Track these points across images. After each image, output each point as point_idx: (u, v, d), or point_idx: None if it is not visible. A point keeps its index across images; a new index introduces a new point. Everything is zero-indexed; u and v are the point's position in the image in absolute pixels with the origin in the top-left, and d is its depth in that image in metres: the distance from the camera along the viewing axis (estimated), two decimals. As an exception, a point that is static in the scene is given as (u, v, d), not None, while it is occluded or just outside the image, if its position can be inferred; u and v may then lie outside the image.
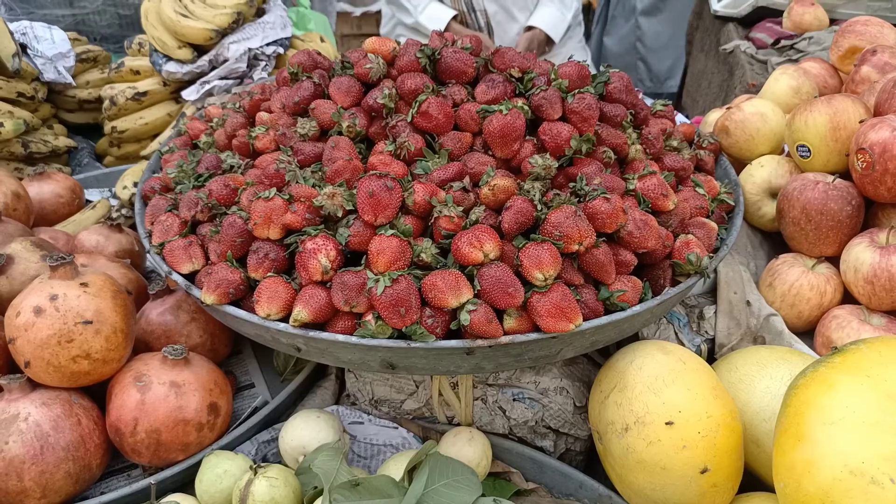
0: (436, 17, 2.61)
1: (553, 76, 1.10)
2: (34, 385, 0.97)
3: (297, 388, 1.12)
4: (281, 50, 1.69)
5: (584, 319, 0.91)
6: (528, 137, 1.06)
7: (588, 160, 1.06)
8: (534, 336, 0.90)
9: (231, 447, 1.04)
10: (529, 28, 2.66)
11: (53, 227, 1.40)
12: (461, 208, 0.96)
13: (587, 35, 4.17)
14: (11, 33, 1.63)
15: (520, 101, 1.07)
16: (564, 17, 2.67)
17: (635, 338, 1.15)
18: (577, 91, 1.07)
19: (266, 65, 1.66)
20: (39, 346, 0.93)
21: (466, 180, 0.99)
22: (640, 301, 0.96)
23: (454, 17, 2.61)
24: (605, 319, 0.92)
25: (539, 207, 0.95)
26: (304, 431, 1.00)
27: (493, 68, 1.13)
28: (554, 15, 2.66)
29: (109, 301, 0.98)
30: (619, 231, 0.96)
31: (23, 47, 1.73)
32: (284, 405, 1.11)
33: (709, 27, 2.46)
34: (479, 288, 0.89)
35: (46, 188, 1.44)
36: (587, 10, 4.57)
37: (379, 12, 3.91)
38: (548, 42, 2.69)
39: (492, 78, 1.10)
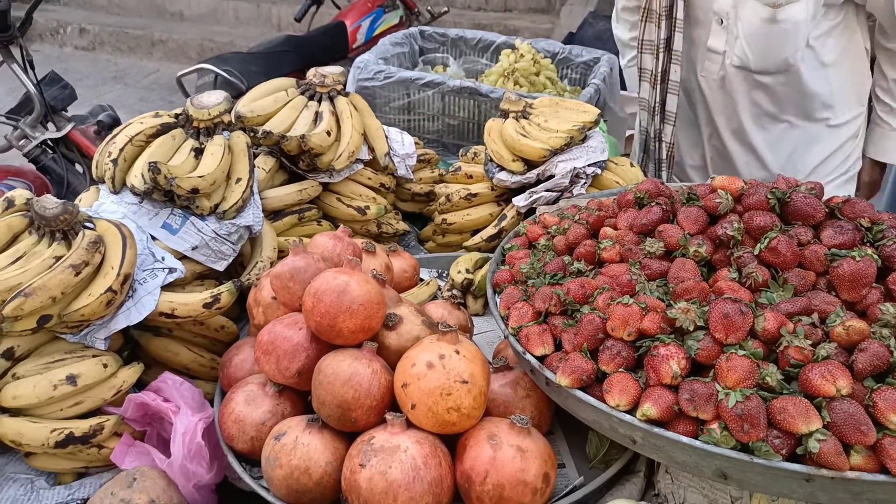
0: None
1: (907, 230, 1.15)
2: (409, 424, 1.18)
3: (611, 477, 1.23)
4: (598, 171, 1.90)
5: (935, 472, 0.92)
6: (874, 285, 1.11)
7: (937, 316, 1.08)
8: (881, 478, 0.93)
9: (550, 518, 1.16)
10: None
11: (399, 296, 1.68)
12: (809, 342, 1.03)
13: None
14: (386, 136, 2.03)
15: (869, 250, 1.13)
16: None
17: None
18: (932, 248, 1.10)
19: (585, 182, 1.88)
20: (426, 393, 1.14)
21: (815, 316, 1.07)
22: None
23: None
24: (961, 478, 0.92)
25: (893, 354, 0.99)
26: (625, 519, 1.10)
27: (841, 215, 1.21)
28: None
29: (480, 367, 1.18)
30: (979, 392, 0.97)
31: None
32: (596, 490, 1.22)
33: None
34: (828, 420, 0.95)
35: (397, 264, 1.75)
36: None
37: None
38: None
39: (841, 224, 1.18)
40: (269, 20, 8.33)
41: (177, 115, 1.67)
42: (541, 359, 1.21)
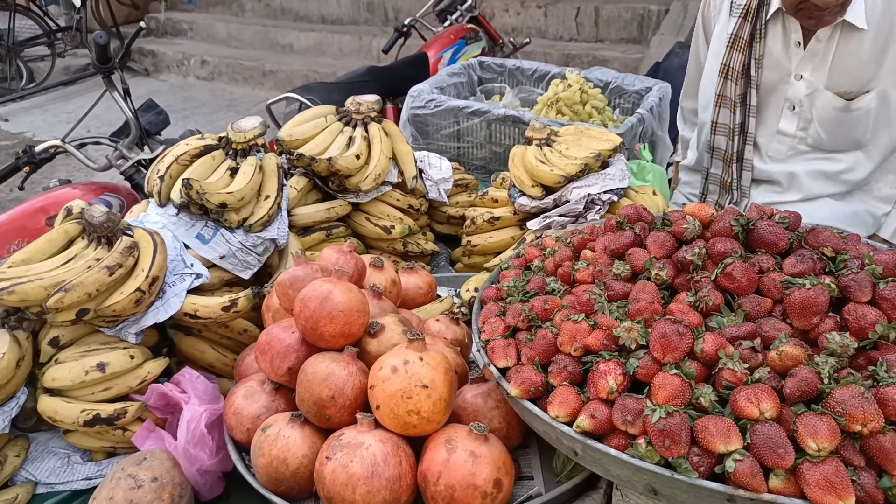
0: None
1: (867, 261, 1.13)
2: (377, 424, 1.28)
3: (568, 490, 1.26)
4: (615, 198, 1.93)
5: (858, 502, 0.92)
6: (831, 314, 1.11)
7: (895, 347, 1.06)
8: (798, 503, 0.93)
9: (503, 523, 1.22)
10: None
11: (411, 310, 1.78)
12: (746, 366, 1.05)
13: None
14: (416, 160, 2.15)
15: (827, 279, 1.13)
16: None
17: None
18: (891, 279, 1.09)
19: (600, 209, 1.92)
20: (389, 395, 1.24)
21: (757, 341, 1.08)
22: (930, 503, 0.92)
23: None
24: (881, 508, 0.91)
25: (827, 381, 0.99)
26: (566, 528, 1.14)
27: (806, 244, 1.20)
28: None
29: (442, 375, 1.26)
30: (914, 424, 0.95)
31: (420, 171, 2.25)
32: (555, 502, 1.26)
33: None
34: (749, 441, 0.97)
35: (412, 280, 1.85)
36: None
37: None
38: None
39: (802, 253, 1.18)
40: (371, 52, 8.76)
41: (219, 138, 1.86)
42: (503, 371, 1.27)
